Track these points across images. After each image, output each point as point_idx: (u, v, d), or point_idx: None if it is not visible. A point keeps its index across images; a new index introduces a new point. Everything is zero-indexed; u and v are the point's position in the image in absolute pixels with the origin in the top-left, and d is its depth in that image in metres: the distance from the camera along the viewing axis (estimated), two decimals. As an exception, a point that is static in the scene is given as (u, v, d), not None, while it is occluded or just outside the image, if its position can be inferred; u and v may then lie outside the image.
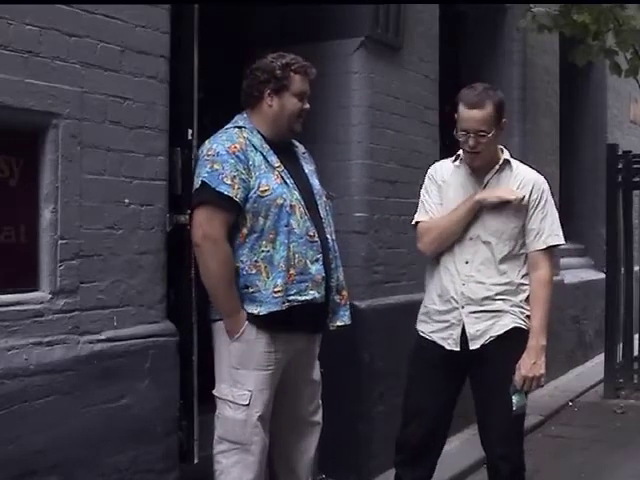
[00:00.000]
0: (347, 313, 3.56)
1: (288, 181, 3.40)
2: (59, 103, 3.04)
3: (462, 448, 5.16)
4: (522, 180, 3.49)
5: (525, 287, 3.46)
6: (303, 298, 3.33)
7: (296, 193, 3.40)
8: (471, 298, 3.44)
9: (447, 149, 4.46)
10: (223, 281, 3.31)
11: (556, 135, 7.74)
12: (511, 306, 3.43)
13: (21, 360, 2.90)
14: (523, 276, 3.46)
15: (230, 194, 3.28)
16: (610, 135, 9.07)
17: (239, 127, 3.45)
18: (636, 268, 7.59)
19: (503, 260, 3.44)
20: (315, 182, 3.58)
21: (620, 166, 7.24)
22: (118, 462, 3.22)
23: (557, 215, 3.54)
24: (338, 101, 4.76)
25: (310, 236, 3.38)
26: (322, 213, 3.51)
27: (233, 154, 3.32)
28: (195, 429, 3.61)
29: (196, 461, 3.62)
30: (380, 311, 4.80)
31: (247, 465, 3.35)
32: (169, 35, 3.48)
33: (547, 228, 3.46)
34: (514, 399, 3.35)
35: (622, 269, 7.27)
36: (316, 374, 3.62)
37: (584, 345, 8.35)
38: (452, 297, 3.47)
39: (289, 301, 3.31)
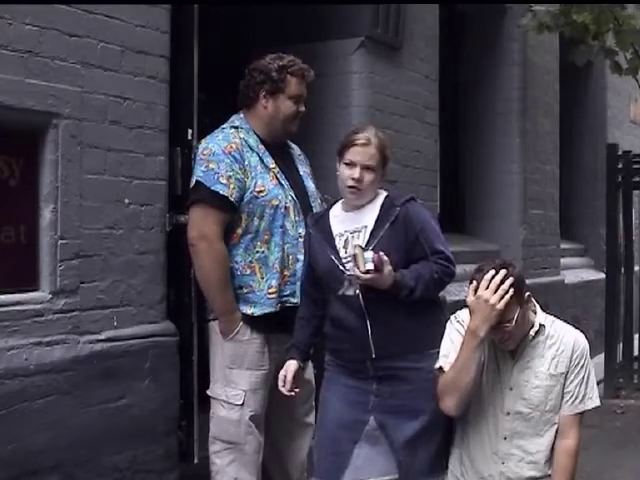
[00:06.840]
0: None
1: (283, 182, 3.39)
2: (59, 103, 3.04)
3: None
4: (560, 342, 3.02)
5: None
6: (297, 300, 3.32)
7: (291, 194, 3.39)
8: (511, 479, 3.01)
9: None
10: (218, 281, 3.30)
11: (556, 135, 7.74)
12: None
13: (21, 360, 2.91)
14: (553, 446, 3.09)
15: (225, 193, 3.27)
16: (610, 135, 9.06)
17: (235, 127, 3.43)
18: (636, 268, 7.57)
19: (543, 433, 3.05)
20: (310, 184, 3.56)
21: (620, 166, 7.23)
22: (118, 462, 3.23)
23: (593, 372, 3.11)
24: (338, 101, 4.76)
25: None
26: None
27: (229, 154, 3.31)
28: (195, 429, 3.61)
29: (196, 461, 3.63)
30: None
31: (242, 464, 3.34)
32: (169, 35, 3.48)
33: (587, 391, 3.07)
34: None
35: (622, 269, 7.26)
36: (309, 375, 3.60)
37: (584, 345, 8.32)
38: (489, 475, 3.02)
39: (282, 302, 3.31)
